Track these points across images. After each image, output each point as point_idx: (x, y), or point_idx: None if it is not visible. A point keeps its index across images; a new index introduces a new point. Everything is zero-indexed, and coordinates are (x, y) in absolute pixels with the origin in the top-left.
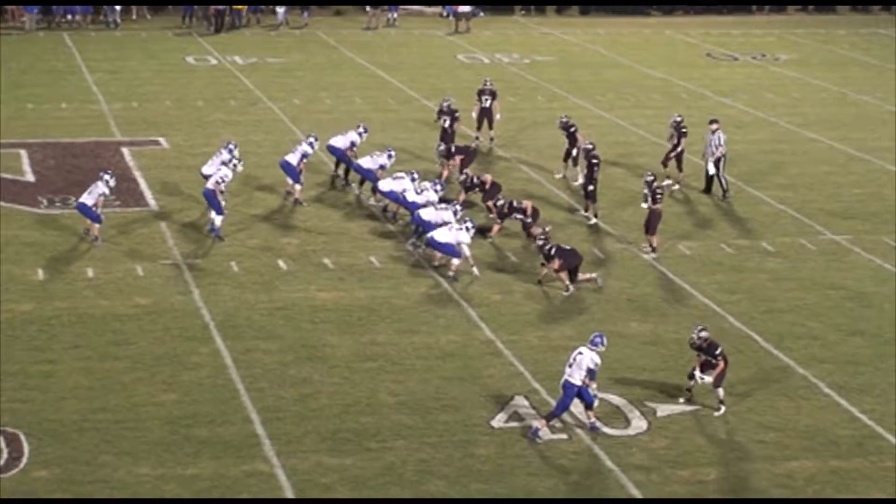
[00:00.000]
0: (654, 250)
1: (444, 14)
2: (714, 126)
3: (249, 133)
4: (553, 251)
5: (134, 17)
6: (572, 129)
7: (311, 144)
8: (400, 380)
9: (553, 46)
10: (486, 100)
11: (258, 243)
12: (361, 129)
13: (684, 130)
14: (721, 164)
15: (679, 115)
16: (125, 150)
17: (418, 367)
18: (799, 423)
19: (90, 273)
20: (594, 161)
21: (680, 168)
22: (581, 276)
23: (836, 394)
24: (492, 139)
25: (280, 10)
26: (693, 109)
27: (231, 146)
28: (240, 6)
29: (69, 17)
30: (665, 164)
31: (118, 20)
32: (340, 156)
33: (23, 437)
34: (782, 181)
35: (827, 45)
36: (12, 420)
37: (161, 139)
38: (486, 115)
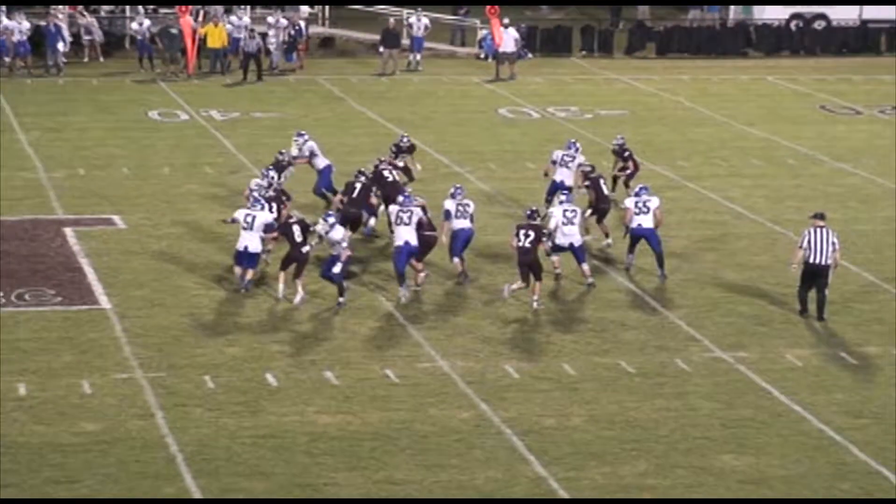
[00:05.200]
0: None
1: (482, 56)
2: (819, 223)
3: (229, 210)
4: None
5: (85, 59)
6: (627, 154)
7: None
8: None
9: (623, 96)
10: (403, 158)
11: (240, 352)
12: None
13: (627, 154)
14: (807, 271)
15: (621, 137)
16: (69, 231)
17: None
18: None
19: (22, 390)
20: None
21: (627, 186)
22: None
23: None
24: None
25: (273, 44)
26: (804, 178)
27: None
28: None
29: None
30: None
31: (62, 63)
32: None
33: None
34: None
35: None
36: None
37: (115, 217)
38: None
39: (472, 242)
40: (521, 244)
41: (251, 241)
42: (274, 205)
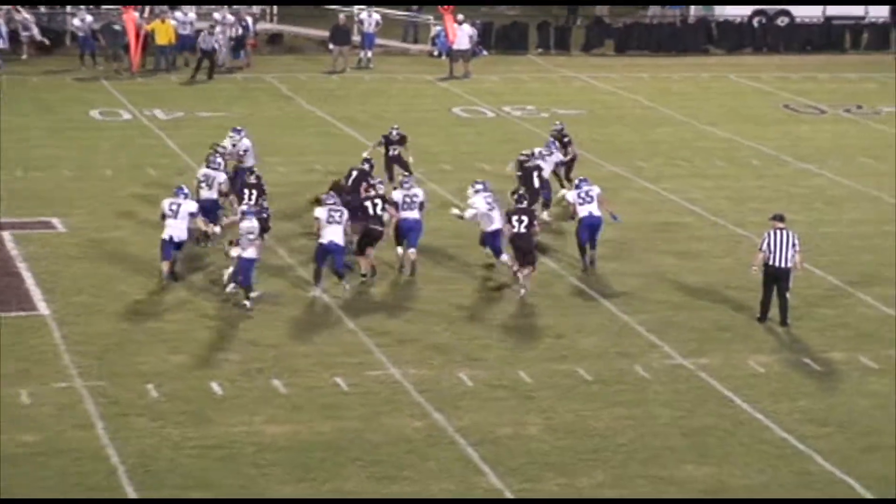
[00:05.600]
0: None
1: (436, 53)
2: (779, 225)
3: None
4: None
5: (23, 55)
6: (567, 139)
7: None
8: None
9: (581, 95)
10: (395, 149)
11: (184, 359)
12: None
13: (567, 139)
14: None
15: (560, 123)
16: (6, 235)
17: None
18: None
19: None
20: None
21: (568, 178)
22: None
23: None
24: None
25: (219, 41)
26: (767, 178)
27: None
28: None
29: None
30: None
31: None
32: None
33: None
34: (889, 275)
35: None
36: None
37: (55, 220)
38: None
39: (427, 245)
40: (516, 230)
41: (176, 230)
42: (253, 191)
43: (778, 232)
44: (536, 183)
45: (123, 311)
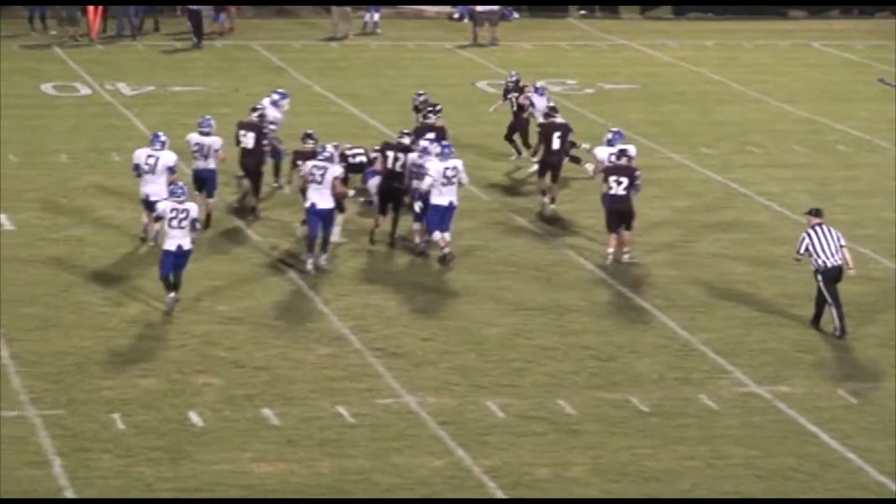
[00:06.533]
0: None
1: (457, 15)
2: (815, 220)
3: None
4: None
5: None
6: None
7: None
8: None
9: (633, 67)
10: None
11: (157, 384)
12: None
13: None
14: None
15: (515, 73)
16: None
17: None
18: None
19: None
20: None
21: (526, 143)
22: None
23: None
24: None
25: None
26: (858, 168)
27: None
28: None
29: None
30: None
31: None
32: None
33: None
34: None
35: None
36: None
37: (1, 216)
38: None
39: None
40: (613, 191)
41: (153, 188)
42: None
43: (818, 229)
44: (556, 145)
45: (84, 325)
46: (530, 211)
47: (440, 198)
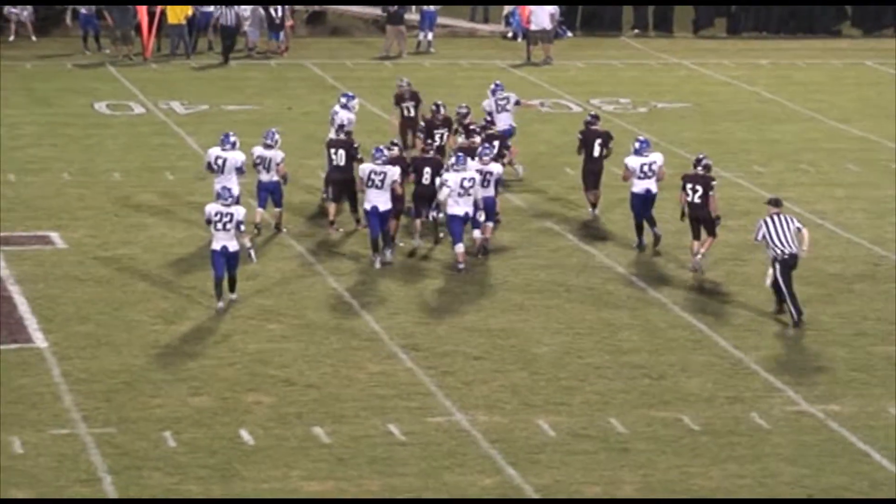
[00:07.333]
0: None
1: (510, 35)
2: (773, 210)
3: (196, 228)
4: None
5: (11, 37)
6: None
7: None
8: None
9: (686, 85)
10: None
11: (208, 402)
12: None
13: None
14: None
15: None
16: None
17: None
18: None
19: None
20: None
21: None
22: None
23: None
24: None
25: (247, 22)
26: None
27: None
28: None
29: None
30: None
31: None
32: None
33: None
34: None
35: None
36: None
37: (53, 234)
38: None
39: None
40: (690, 199)
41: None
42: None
43: (775, 218)
44: (597, 152)
45: (135, 343)
46: (580, 226)
47: (456, 208)
